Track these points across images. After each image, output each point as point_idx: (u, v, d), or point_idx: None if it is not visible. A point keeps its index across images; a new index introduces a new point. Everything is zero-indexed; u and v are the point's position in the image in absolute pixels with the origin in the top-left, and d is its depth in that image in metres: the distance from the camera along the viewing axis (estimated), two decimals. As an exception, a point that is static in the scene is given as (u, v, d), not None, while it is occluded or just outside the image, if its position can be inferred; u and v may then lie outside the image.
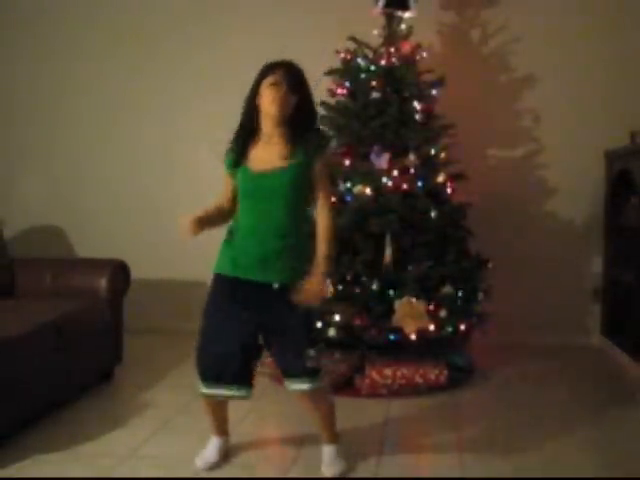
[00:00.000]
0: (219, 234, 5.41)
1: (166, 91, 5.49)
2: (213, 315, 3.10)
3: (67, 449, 3.23)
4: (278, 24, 5.26)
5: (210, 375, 3.04)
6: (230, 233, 3.13)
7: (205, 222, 3.07)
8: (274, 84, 2.88)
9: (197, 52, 5.42)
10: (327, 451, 3.12)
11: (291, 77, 2.92)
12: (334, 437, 3.15)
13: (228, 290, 3.02)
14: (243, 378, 3.04)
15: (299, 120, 2.94)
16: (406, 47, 4.52)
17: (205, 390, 3.05)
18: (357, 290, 4.06)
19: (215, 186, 5.46)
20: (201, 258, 5.42)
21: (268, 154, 2.95)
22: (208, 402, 3.14)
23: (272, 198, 2.93)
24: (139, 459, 3.16)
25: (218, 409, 3.19)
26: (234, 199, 3.14)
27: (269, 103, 2.89)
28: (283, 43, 5.14)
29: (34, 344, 3.45)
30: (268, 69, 2.96)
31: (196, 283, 5.51)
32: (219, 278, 3.10)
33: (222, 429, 3.24)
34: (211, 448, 3.17)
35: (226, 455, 3.19)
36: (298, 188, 2.94)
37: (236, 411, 3.77)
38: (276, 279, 2.92)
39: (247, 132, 3.04)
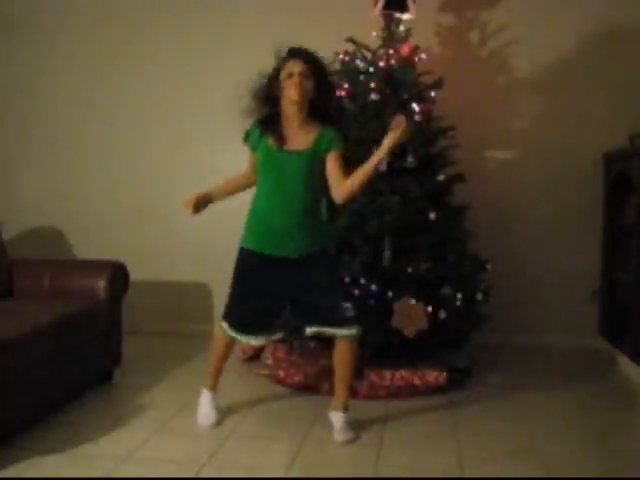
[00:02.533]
0: (219, 235, 5.44)
1: (167, 92, 5.49)
2: (241, 285, 3.49)
3: (66, 450, 3.23)
4: (277, 25, 5.25)
5: (236, 326, 3.48)
6: (254, 207, 3.43)
7: (209, 199, 3.65)
8: (292, 74, 3.20)
9: (198, 53, 5.43)
10: (339, 417, 3.43)
11: (307, 64, 3.23)
12: (346, 403, 3.49)
13: (252, 264, 3.43)
14: (264, 330, 3.51)
15: (318, 107, 3.29)
16: (405, 49, 4.52)
17: (230, 333, 3.51)
18: (356, 292, 4.06)
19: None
20: (200, 260, 5.47)
21: (290, 135, 3.28)
22: (222, 344, 3.60)
23: (292, 176, 3.25)
24: (138, 460, 3.16)
25: (224, 357, 3.66)
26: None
27: (289, 89, 3.20)
28: (282, 44, 5.20)
29: (33, 345, 3.44)
30: (285, 57, 3.28)
31: (195, 285, 5.54)
32: (243, 251, 3.50)
33: (216, 383, 3.70)
34: (209, 405, 3.63)
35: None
36: (313, 171, 3.27)
37: (236, 411, 3.80)
38: (295, 252, 3.30)
39: (271, 115, 3.32)
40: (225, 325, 3.52)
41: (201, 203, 3.61)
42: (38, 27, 5.64)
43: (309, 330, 3.42)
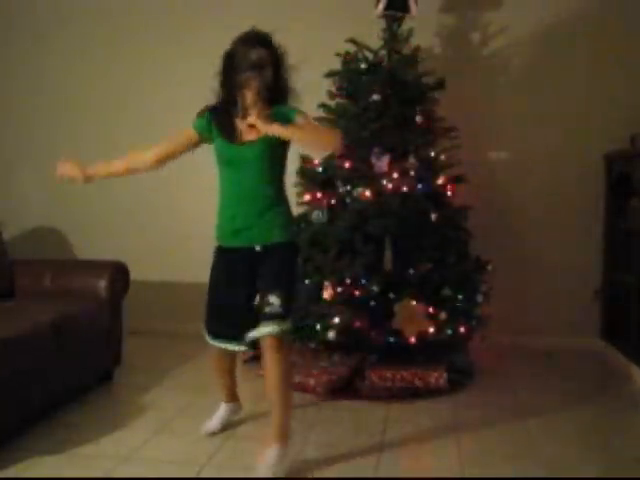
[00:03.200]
0: (213, 237, 5.41)
1: (168, 92, 5.49)
2: (212, 285, 3.31)
3: (66, 451, 3.23)
4: (279, 25, 5.24)
5: (213, 333, 3.28)
6: (219, 203, 3.34)
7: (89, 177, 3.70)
8: (256, 65, 3.05)
9: (198, 53, 5.40)
10: (269, 452, 3.02)
11: (270, 55, 3.12)
12: (282, 433, 3.08)
13: (221, 258, 3.28)
14: (238, 334, 3.21)
15: (274, 94, 3.14)
16: (406, 49, 4.53)
17: (210, 341, 3.31)
18: (357, 293, 4.06)
19: (214, 188, 5.49)
20: (200, 259, 5.45)
21: (245, 126, 3.12)
22: (216, 357, 3.45)
23: (248, 168, 3.13)
24: (139, 461, 3.15)
25: (220, 368, 3.49)
26: (177, 153, 3.62)
27: (255, 80, 3.06)
28: (287, 44, 5.19)
29: (33, 345, 3.44)
30: (247, 45, 3.13)
31: (195, 285, 5.52)
32: (216, 247, 3.33)
33: (231, 393, 3.59)
34: (216, 415, 3.55)
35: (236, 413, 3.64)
36: (269, 159, 3.13)
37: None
38: (258, 242, 3.13)
39: (228, 105, 3.21)
40: (205, 335, 3.32)
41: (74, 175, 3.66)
42: (37, 26, 5.64)
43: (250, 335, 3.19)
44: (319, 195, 4.41)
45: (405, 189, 4.22)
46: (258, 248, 3.13)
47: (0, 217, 4.74)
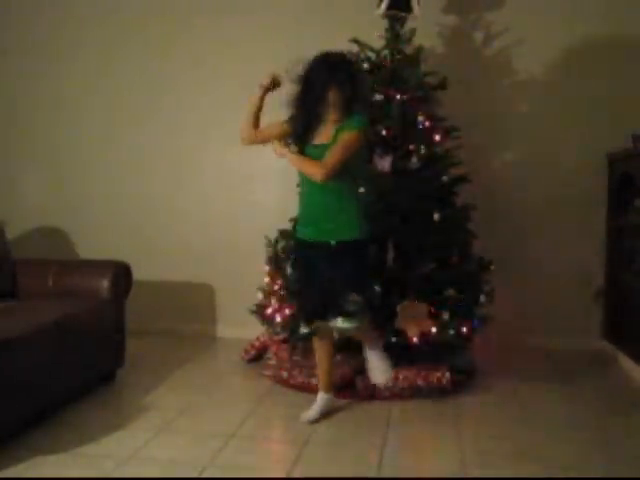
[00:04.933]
0: (222, 235, 5.44)
1: (171, 93, 5.49)
2: (300, 273, 3.83)
3: (69, 450, 3.23)
4: (282, 26, 5.27)
5: (312, 313, 3.64)
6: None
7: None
8: (339, 90, 3.40)
9: (203, 54, 5.42)
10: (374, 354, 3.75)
11: (351, 78, 3.45)
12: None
13: (301, 251, 3.72)
14: (342, 311, 3.49)
15: (350, 105, 3.46)
16: (409, 49, 4.52)
17: (307, 329, 3.77)
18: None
19: (222, 187, 5.51)
20: (203, 260, 5.47)
21: (324, 131, 3.50)
22: (319, 345, 3.76)
23: None
24: (141, 461, 3.15)
25: (329, 360, 3.78)
26: (264, 139, 3.82)
27: (335, 100, 3.42)
28: (287, 44, 5.20)
29: (36, 345, 3.44)
30: (334, 70, 3.42)
31: (198, 285, 5.53)
32: (295, 240, 3.81)
33: (328, 383, 3.78)
34: (317, 404, 3.72)
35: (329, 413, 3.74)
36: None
37: (238, 411, 3.79)
38: (332, 238, 3.47)
39: (314, 116, 3.51)
40: (304, 327, 3.86)
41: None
42: (38, 28, 5.64)
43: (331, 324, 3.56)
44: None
45: (408, 189, 4.21)
46: (333, 242, 3.48)
47: (3, 217, 4.74)
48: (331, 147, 3.39)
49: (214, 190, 5.48)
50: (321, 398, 3.74)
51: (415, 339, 4.03)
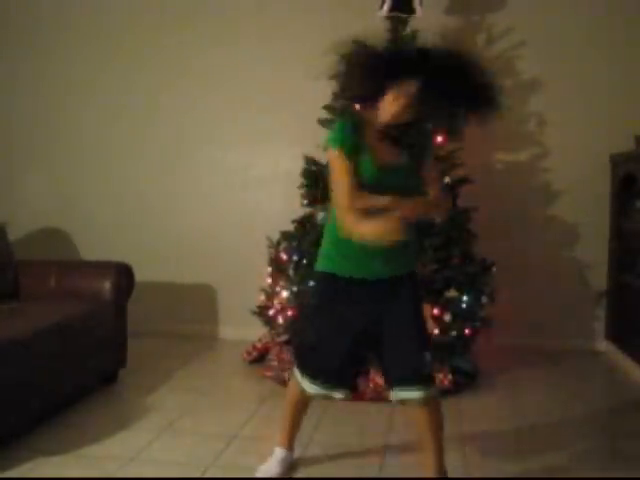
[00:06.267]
0: (223, 236, 5.43)
1: (170, 93, 5.49)
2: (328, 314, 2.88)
3: (71, 451, 3.23)
4: (284, 26, 5.27)
5: (320, 375, 2.88)
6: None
7: None
8: (408, 101, 2.60)
9: (201, 53, 5.42)
10: None
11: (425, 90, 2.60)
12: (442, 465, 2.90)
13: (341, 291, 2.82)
14: (347, 380, 2.93)
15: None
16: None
17: (312, 390, 2.92)
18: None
19: (224, 188, 5.50)
20: (205, 261, 5.47)
21: (381, 147, 2.70)
22: (300, 402, 3.07)
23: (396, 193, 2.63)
24: (143, 462, 3.15)
25: (301, 414, 3.13)
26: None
27: (396, 112, 2.63)
28: (289, 45, 5.21)
29: (38, 346, 3.44)
30: (405, 72, 2.59)
31: (200, 286, 5.53)
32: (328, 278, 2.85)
33: (291, 440, 3.15)
34: (273, 461, 3.08)
35: (291, 469, 3.13)
36: (411, 185, 2.74)
37: (241, 412, 3.79)
38: (399, 272, 2.80)
39: (359, 121, 2.73)
40: (307, 385, 2.94)
41: None
42: (38, 29, 5.64)
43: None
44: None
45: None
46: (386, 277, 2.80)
47: (5, 218, 4.74)
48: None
49: (216, 191, 5.48)
50: (281, 454, 3.12)
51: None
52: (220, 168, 5.46)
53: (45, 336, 3.51)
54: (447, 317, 4.12)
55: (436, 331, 4.05)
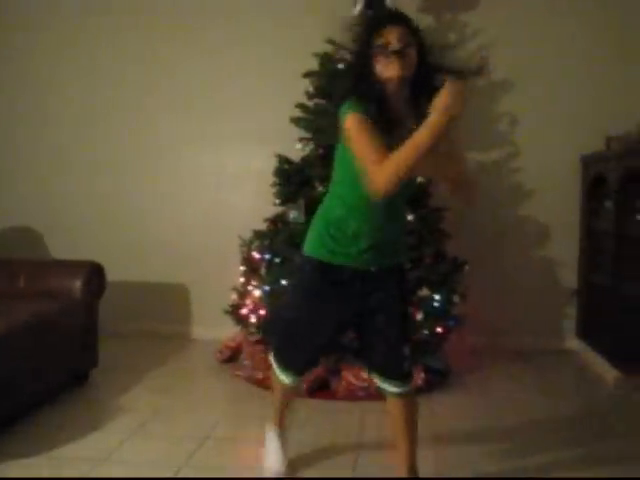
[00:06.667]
0: (196, 236, 5.41)
1: (152, 93, 5.45)
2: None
3: (42, 453, 3.19)
4: (258, 26, 5.26)
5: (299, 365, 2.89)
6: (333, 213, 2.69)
7: None
8: (394, 52, 2.38)
9: (186, 56, 5.38)
10: None
11: (409, 35, 2.42)
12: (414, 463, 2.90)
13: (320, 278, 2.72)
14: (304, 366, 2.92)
15: (418, 81, 2.46)
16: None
17: (289, 381, 2.91)
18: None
19: (196, 187, 5.48)
20: (177, 260, 5.44)
21: (394, 124, 2.48)
22: (285, 386, 2.97)
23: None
24: (115, 463, 3.13)
25: (290, 397, 3.10)
26: None
27: (389, 71, 2.41)
28: (260, 46, 5.20)
29: (8, 346, 3.40)
30: (379, 26, 2.44)
31: (173, 285, 5.51)
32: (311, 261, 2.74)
33: (283, 419, 3.14)
34: (272, 451, 3.09)
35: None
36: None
37: (213, 413, 3.77)
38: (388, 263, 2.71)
39: (371, 92, 2.46)
40: (284, 377, 2.93)
41: None
42: (24, 26, 5.56)
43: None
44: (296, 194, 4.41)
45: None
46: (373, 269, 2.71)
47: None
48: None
49: (189, 190, 5.45)
50: (277, 436, 3.14)
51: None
52: (193, 167, 5.43)
53: (15, 335, 3.47)
54: (419, 316, 4.14)
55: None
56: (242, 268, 4.66)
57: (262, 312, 4.35)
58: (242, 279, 4.63)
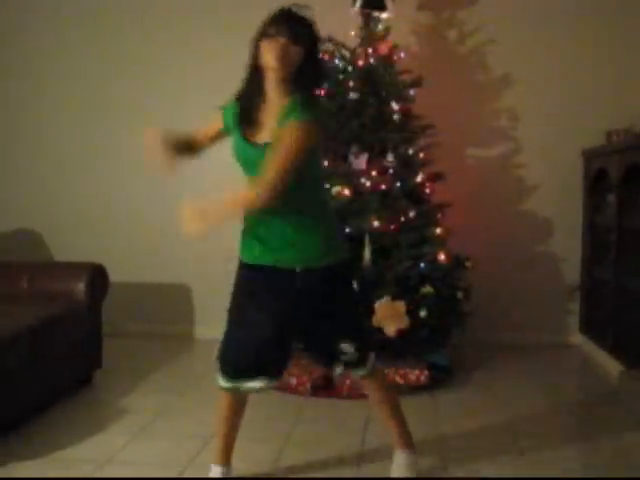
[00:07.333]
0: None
1: (151, 94, 5.45)
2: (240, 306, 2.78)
3: (46, 455, 3.19)
4: (251, 24, 5.24)
5: (235, 367, 2.76)
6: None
7: (175, 145, 2.93)
8: (273, 35, 2.54)
9: (182, 54, 5.38)
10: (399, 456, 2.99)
11: (294, 26, 2.62)
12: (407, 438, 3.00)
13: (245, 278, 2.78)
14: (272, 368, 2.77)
15: (298, 80, 2.54)
16: (383, 48, 4.52)
17: (225, 384, 2.79)
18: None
19: (199, 187, 5.49)
20: (180, 261, 5.44)
21: (265, 121, 2.57)
22: (228, 401, 2.89)
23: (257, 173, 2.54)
24: (119, 464, 3.13)
25: (235, 414, 2.95)
26: (211, 139, 3.00)
27: (267, 56, 2.53)
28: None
29: (11, 349, 3.40)
30: (268, 22, 2.64)
31: (176, 286, 5.51)
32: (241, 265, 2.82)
33: (229, 452, 2.95)
34: None
35: None
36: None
37: (214, 414, 3.77)
38: (282, 261, 2.64)
39: (250, 94, 2.63)
40: (221, 380, 2.84)
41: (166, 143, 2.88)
42: (23, 28, 5.57)
43: None
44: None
45: (383, 187, 4.23)
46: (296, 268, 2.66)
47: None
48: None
49: (191, 190, 5.44)
50: (219, 473, 2.92)
51: (393, 337, 4.03)
52: (195, 167, 5.41)
53: (19, 338, 3.47)
54: (422, 313, 4.13)
55: (403, 326, 4.03)
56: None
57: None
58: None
